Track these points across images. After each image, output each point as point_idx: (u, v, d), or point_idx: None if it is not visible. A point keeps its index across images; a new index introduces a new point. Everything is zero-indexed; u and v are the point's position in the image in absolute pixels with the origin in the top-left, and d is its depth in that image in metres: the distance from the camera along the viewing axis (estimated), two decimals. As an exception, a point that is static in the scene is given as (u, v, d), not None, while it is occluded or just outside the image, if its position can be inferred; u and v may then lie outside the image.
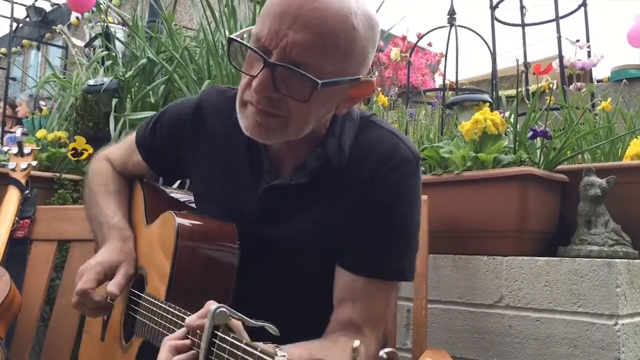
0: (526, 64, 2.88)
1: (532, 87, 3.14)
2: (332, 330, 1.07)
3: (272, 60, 0.95)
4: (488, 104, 2.05)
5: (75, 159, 2.42)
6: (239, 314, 0.85)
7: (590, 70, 2.54)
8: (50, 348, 1.80)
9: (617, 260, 1.49)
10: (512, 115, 1.88)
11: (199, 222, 1.14)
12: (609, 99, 1.88)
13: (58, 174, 2.35)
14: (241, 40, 1.02)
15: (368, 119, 1.15)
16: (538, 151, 1.75)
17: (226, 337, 0.82)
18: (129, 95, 2.58)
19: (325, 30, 0.95)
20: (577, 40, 2.60)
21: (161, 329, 1.03)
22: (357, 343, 0.66)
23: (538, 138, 1.71)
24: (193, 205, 1.40)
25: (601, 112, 1.84)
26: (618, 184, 1.62)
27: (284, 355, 0.72)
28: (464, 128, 1.73)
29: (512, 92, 3.78)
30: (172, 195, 1.44)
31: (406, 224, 1.10)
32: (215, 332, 0.84)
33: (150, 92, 2.48)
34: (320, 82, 0.94)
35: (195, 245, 1.09)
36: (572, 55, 2.56)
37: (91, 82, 2.52)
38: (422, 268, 1.54)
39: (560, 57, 2.48)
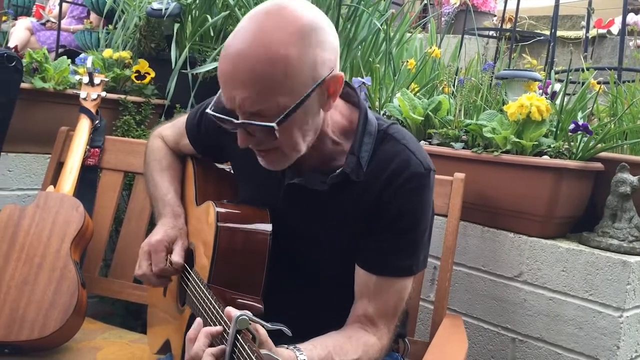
0: (589, 9, 2.81)
1: (592, 32, 3.08)
2: (351, 322, 1.25)
3: (239, 119, 1.10)
4: (537, 82, 2.08)
5: (139, 82, 2.57)
6: (257, 319, 0.99)
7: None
8: (118, 266, 2.04)
9: (632, 258, 1.61)
10: (560, 93, 1.92)
11: (236, 211, 1.28)
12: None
13: (123, 97, 2.50)
14: (212, 113, 1.14)
15: (386, 132, 1.24)
16: (579, 136, 1.81)
17: (245, 344, 0.95)
18: (189, 19, 2.66)
19: (256, 78, 1.05)
20: (646, -3, 2.52)
21: (202, 311, 1.18)
22: None
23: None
24: None
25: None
26: (651, 178, 1.71)
27: None
28: (509, 109, 1.79)
29: (572, 33, 3.69)
30: (220, 171, 1.58)
31: (415, 229, 1.23)
32: (238, 336, 0.97)
33: (211, 27, 2.54)
34: (274, 124, 1.07)
35: (233, 234, 1.24)
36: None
37: (155, 5, 2.59)
38: (451, 241, 1.69)
39: (624, 15, 2.43)
